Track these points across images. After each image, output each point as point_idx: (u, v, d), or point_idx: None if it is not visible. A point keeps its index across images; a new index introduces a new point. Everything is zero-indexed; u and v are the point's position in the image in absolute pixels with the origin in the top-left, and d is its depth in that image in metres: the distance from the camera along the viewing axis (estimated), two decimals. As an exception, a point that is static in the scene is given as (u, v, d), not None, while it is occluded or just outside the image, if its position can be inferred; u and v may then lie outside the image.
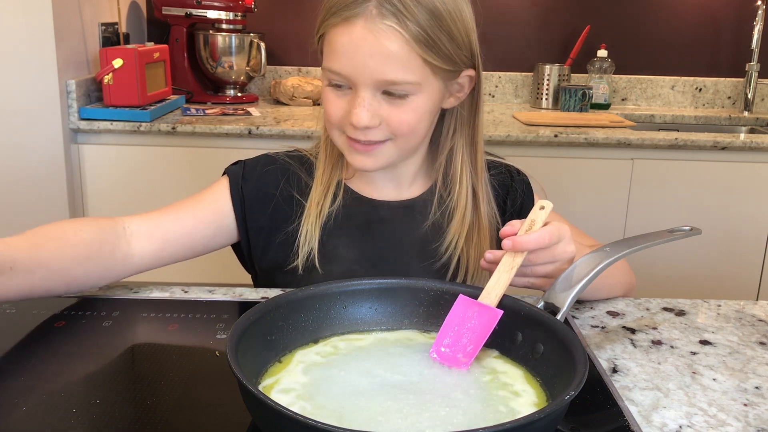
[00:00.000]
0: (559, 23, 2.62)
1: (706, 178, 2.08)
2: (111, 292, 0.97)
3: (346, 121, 0.91)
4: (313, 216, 1.00)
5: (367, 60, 0.87)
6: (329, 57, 0.91)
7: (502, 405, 0.66)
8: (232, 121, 2.05)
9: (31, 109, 1.93)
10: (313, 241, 0.99)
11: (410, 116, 0.91)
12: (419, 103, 0.91)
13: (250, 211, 1.02)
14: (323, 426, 0.53)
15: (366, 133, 0.91)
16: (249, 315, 0.71)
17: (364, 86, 0.89)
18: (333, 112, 0.93)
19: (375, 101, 0.90)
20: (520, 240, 0.80)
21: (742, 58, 2.59)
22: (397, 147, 0.94)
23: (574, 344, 0.67)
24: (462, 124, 1.01)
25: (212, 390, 0.74)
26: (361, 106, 0.89)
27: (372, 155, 0.94)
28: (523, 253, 0.81)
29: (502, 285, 0.78)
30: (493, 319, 0.75)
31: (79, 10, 2.05)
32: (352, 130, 0.92)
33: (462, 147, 1.01)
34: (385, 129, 0.92)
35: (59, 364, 0.77)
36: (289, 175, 1.03)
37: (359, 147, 0.93)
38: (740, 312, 0.97)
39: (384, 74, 0.87)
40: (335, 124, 0.94)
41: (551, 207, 0.84)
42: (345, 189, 1.02)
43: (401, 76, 0.88)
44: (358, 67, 0.88)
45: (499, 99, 2.67)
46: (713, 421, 0.69)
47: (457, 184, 1.01)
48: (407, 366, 0.73)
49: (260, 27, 2.54)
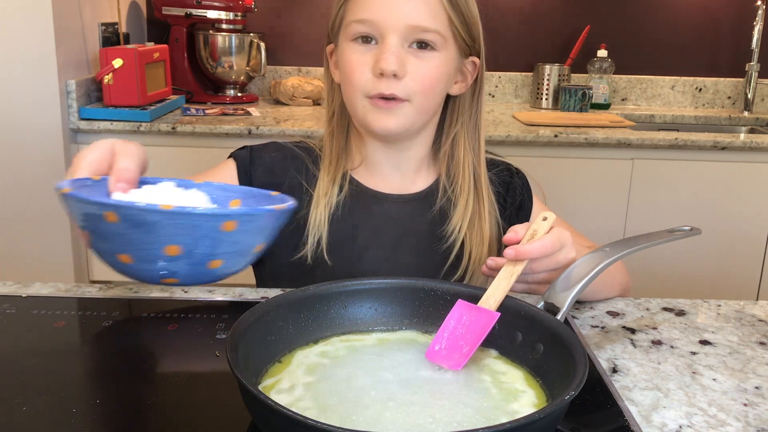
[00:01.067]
0: (559, 23, 2.62)
1: (706, 178, 2.08)
2: (111, 292, 0.97)
3: (374, 73, 0.93)
4: (322, 206, 1.01)
5: (401, 4, 0.92)
6: (357, 8, 0.94)
7: (502, 405, 0.66)
8: (232, 121, 2.05)
9: (31, 109, 1.93)
10: (323, 230, 1.00)
11: (432, 72, 0.95)
12: (441, 60, 0.96)
13: None
14: (323, 426, 0.53)
15: (390, 85, 0.93)
16: (249, 315, 0.71)
17: (394, 33, 0.92)
18: (357, 70, 0.95)
19: (402, 51, 0.93)
20: (522, 249, 0.81)
21: (742, 58, 2.59)
22: (415, 108, 0.97)
23: (574, 344, 0.67)
24: (463, 114, 1.04)
25: (212, 390, 0.74)
26: (389, 52, 0.92)
27: (393, 113, 0.96)
28: (524, 261, 0.81)
29: (502, 291, 0.78)
30: (490, 322, 0.75)
31: (79, 10, 2.05)
32: (376, 84, 0.93)
33: (464, 136, 1.04)
34: (409, 83, 0.94)
35: (59, 364, 0.77)
36: (298, 164, 1.05)
37: (382, 103, 0.95)
38: (740, 312, 0.97)
39: (415, 19, 0.92)
40: (359, 84, 0.95)
41: (554, 219, 0.85)
42: (351, 180, 1.04)
43: (431, 24, 0.93)
44: (392, 12, 0.92)
45: (499, 99, 2.67)
46: (713, 421, 0.69)
47: (460, 172, 1.04)
48: (407, 366, 0.73)
49: (260, 27, 2.54)
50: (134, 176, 0.69)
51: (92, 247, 0.63)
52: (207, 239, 0.58)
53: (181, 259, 0.59)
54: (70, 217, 0.64)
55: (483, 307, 0.77)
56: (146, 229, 0.57)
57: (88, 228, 0.61)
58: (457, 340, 0.75)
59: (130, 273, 0.62)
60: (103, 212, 0.57)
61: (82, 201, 0.60)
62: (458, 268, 1.02)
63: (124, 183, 0.66)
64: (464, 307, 0.78)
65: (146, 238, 0.57)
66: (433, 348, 0.75)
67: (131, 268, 0.61)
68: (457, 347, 0.75)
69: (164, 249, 0.58)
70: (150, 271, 0.60)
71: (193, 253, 0.58)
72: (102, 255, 0.63)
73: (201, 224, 0.57)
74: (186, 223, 0.57)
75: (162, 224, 0.57)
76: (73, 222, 0.64)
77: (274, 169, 1.04)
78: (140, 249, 0.58)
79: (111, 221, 0.58)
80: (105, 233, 0.59)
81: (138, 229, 0.57)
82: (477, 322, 0.76)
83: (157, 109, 2.07)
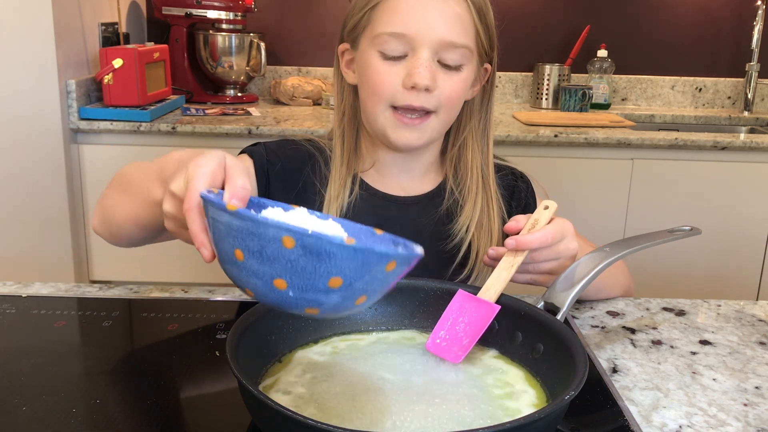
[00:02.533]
0: (559, 23, 2.62)
1: (706, 178, 2.08)
2: (111, 292, 0.97)
3: (405, 86, 0.93)
4: (334, 209, 1.01)
5: (434, 20, 0.92)
6: (389, 20, 0.93)
7: (503, 405, 0.66)
8: (232, 121, 2.05)
9: (31, 109, 1.93)
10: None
11: (459, 86, 0.96)
12: (467, 75, 0.97)
13: (274, 194, 1.02)
14: (323, 426, 0.53)
15: (421, 98, 0.94)
16: (249, 315, 0.71)
17: (425, 47, 0.92)
18: (386, 81, 0.94)
19: (433, 64, 0.94)
20: (522, 240, 0.81)
21: (742, 58, 2.59)
22: (440, 121, 0.98)
23: (574, 344, 0.67)
24: (472, 116, 1.05)
25: (212, 390, 0.74)
26: (422, 66, 0.92)
27: (417, 129, 0.97)
28: (525, 251, 0.81)
29: (502, 281, 0.79)
30: (490, 314, 0.75)
31: (79, 10, 2.05)
32: (407, 96, 0.93)
33: (473, 138, 1.05)
34: (438, 97, 0.95)
35: (59, 364, 0.77)
36: (313, 162, 1.05)
37: (407, 121, 0.95)
38: (740, 312, 0.97)
39: (449, 35, 0.92)
40: (387, 95, 0.95)
41: (555, 207, 0.85)
42: (361, 183, 1.04)
43: (462, 39, 0.93)
44: (426, 27, 0.92)
45: (499, 99, 2.67)
46: (713, 421, 0.69)
47: (468, 174, 1.04)
48: (408, 366, 0.73)
49: (260, 27, 2.54)
50: (248, 195, 0.66)
51: (232, 265, 0.59)
52: (369, 276, 0.57)
53: (336, 292, 0.57)
54: (214, 229, 0.60)
55: (483, 299, 0.77)
56: (321, 260, 0.55)
57: (248, 248, 0.57)
58: (457, 331, 0.76)
59: (275, 299, 0.58)
60: (283, 236, 0.55)
61: (258, 222, 0.56)
62: (465, 267, 1.03)
63: (240, 201, 0.64)
64: (465, 297, 0.78)
65: (317, 268, 0.55)
66: (434, 340, 0.76)
67: (280, 294, 0.58)
68: (457, 339, 0.75)
69: (329, 281, 0.56)
70: (300, 300, 0.57)
71: (351, 288, 0.57)
72: (249, 276, 0.59)
73: (373, 262, 0.56)
74: (362, 259, 0.55)
75: (339, 257, 0.55)
76: (216, 236, 0.60)
77: (290, 168, 1.04)
78: (304, 277, 0.56)
79: (287, 246, 0.55)
80: (271, 256, 0.55)
81: (313, 258, 0.55)
82: (477, 314, 0.76)
83: (157, 109, 2.07)
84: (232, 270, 0.60)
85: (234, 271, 0.59)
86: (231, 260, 0.59)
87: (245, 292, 0.60)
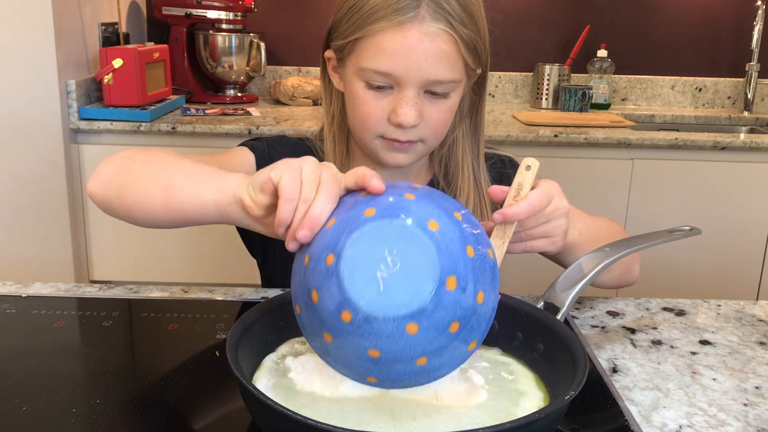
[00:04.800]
0: (559, 23, 2.62)
1: (706, 178, 2.08)
2: (111, 292, 0.97)
3: (391, 121, 0.93)
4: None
5: (421, 61, 0.89)
6: (376, 58, 0.91)
7: (507, 405, 0.66)
8: (232, 121, 2.05)
9: (31, 109, 1.93)
10: None
11: (446, 114, 0.95)
12: (454, 100, 0.95)
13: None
14: (323, 426, 0.53)
15: (407, 133, 0.93)
16: (249, 315, 0.71)
17: (411, 86, 0.91)
18: (372, 114, 0.94)
19: (420, 100, 0.92)
20: (509, 212, 0.77)
21: (742, 58, 2.59)
22: (427, 145, 0.98)
23: (574, 344, 0.67)
24: (463, 115, 1.03)
25: (212, 390, 0.74)
26: (409, 105, 0.91)
27: (408, 152, 0.97)
28: (513, 223, 0.78)
29: (497, 258, 0.76)
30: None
31: (79, 10, 2.05)
32: (393, 131, 0.93)
33: (463, 137, 1.04)
34: (424, 127, 0.94)
35: (59, 364, 0.77)
36: (314, 155, 1.04)
37: (397, 145, 0.95)
38: (740, 312, 0.97)
39: (435, 74, 0.90)
40: (374, 128, 0.95)
41: (538, 166, 0.80)
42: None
43: (449, 76, 0.91)
44: (411, 68, 0.89)
45: (499, 99, 2.67)
46: (713, 421, 0.69)
47: (459, 173, 1.04)
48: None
49: (260, 27, 2.54)
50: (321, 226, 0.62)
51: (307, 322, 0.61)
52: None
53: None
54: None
55: None
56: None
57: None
58: None
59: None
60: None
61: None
62: None
63: (309, 232, 0.61)
64: None
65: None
66: None
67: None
68: None
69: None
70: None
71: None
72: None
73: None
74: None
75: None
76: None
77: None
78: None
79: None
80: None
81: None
82: None
83: (157, 109, 2.07)
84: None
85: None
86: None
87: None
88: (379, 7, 0.89)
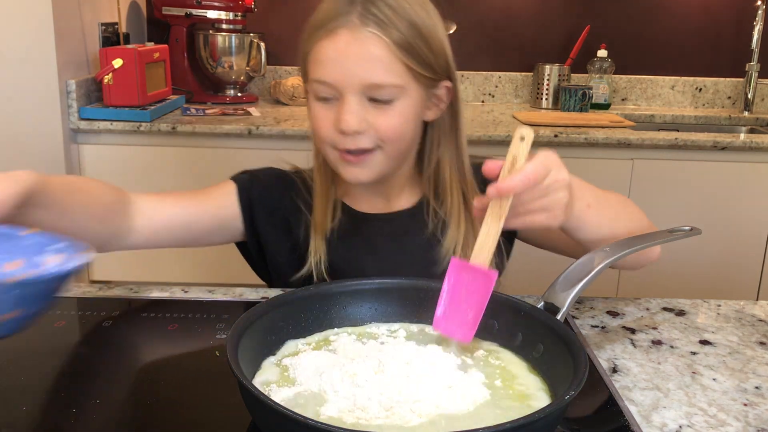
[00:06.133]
0: (559, 23, 2.62)
1: (706, 178, 2.08)
2: (111, 292, 0.97)
3: (336, 130, 0.93)
4: (320, 233, 1.01)
5: (353, 66, 0.90)
6: (315, 69, 0.93)
7: (507, 405, 0.66)
8: (232, 121, 2.05)
9: (31, 109, 1.93)
10: (321, 253, 1.01)
11: (396, 120, 0.94)
12: (403, 107, 0.94)
13: (258, 216, 1.03)
14: (323, 426, 0.53)
15: (355, 140, 0.93)
16: (249, 315, 0.71)
17: (350, 92, 0.91)
18: (322, 126, 0.95)
19: (361, 107, 0.92)
20: (504, 186, 0.73)
21: (742, 58, 2.59)
22: (387, 155, 0.96)
23: (574, 344, 0.67)
24: (445, 136, 1.02)
25: (212, 390, 0.74)
26: (347, 112, 0.91)
27: (364, 166, 0.96)
28: (509, 197, 0.74)
29: (493, 238, 0.74)
30: (490, 282, 0.74)
31: (79, 10, 2.05)
32: (341, 140, 0.93)
33: (448, 158, 1.02)
34: (374, 135, 0.93)
35: (59, 364, 0.78)
36: (296, 189, 1.05)
37: (351, 158, 0.95)
38: (740, 312, 0.97)
39: (370, 78, 0.90)
40: (326, 139, 0.95)
41: (533, 136, 0.76)
42: (342, 206, 1.04)
43: (386, 79, 0.91)
44: (345, 74, 0.90)
45: (499, 99, 2.67)
46: (713, 421, 0.69)
47: (448, 194, 1.03)
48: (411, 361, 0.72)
49: (260, 27, 2.54)
50: None
51: None
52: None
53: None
54: None
55: (479, 266, 0.74)
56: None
57: None
58: (459, 304, 0.74)
59: None
60: None
61: None
62: None
63: None
64: (460, 266, 0.76)
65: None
66: (438, 316, 0.75)
67: None
68: (461, 312, 0.74)
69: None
70: None
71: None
72: None
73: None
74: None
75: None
76: None
77: (273, 191, 1.05)
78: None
79: None
80: None
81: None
82: (476, 284, 0.74)
83: (157, 109, 2.07)
84: None
85: None
86: None
87: None
88: (320, 20, 0.93)
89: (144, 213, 0.96)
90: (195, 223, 1.01)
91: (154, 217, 0.97)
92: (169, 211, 0.99)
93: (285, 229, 1.04)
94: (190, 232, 1.01)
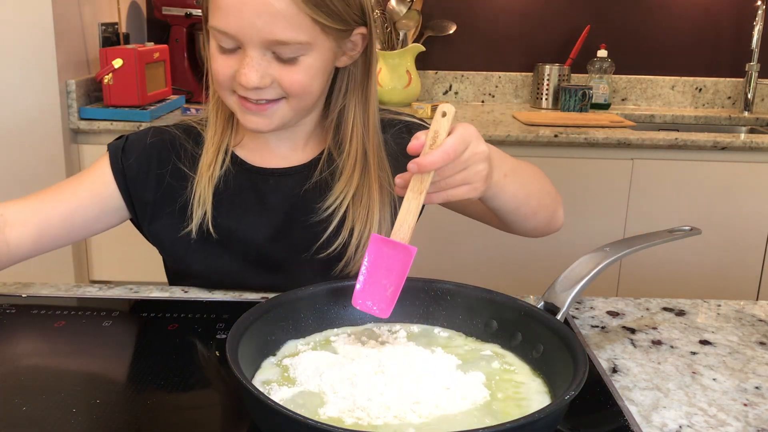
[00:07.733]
0: (559, 23, 2.62)
1: (706, 178, 2.08)
2: (111, 292, 0.97)
3: (236, 80, 0.89)
4: (205, 179, 0.96)
5: (254, 19, 0.83)
6: (215, 15, 0.88)
7: (507, 405, 0.66)
8: (232, 121, 2.05)
9: (31, 109, 1.93)
10: (207, 204, 0.96)
11: (301, 76, 0.88)
12: (310, 62, 0.88)
13: (133, 186, 0.98)
14: (323, 426, 0.53)
15: (258, 93, 0.89)
16: (249, 315, 0.71)
17: (252, 46, 0.85)
18: (221, 72, 0.90)
19: (264, 61, 0.87)
20: (424, 162, 0.73)
21: (742, 58, 2.59)
22: (291, 107, 0.91)
23: (574, 344, 0.67)
24: (355, 84, 0.97)
25: (212, 390, 0.74)
26: (249, 66, 0.86)
27: (266, 115, 0.91)
28: (431, 173, 0.75)
29: (413, 214, 0.75)
30: (409, 258, 0.74)
31: (79, 10, 2.05)
32: (242, 90, 0.89)
33: (354, 107, 0.97)
34: (278, 88, 0.89)
35: (59, 364, 0.78)
36: (178, 148, 1.00)
37: (252, 107, 0.90)
38: (740, 312, 0.97)
39: (272, 34, 0.84)
40: (224, 85, 0.91)
41: (454, 111, 0.76)
42: (233, 157, 0.99)
43: (290, 36, 0.85)
44: (245, 26, 0.84)
45: (499, 99, 2.67)
46: (713, 421, 0.69)
47: (347, 143, 0.98)
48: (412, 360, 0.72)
49: (260, 27, 2.54)
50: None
51: None
52: None
53: None
54: None
55: (398, 242, 0.74)
56: None
57: None
58: (379, 279, 0.74)
59: None
60: None
61: None
62: (334, 243, 0.96)
63: None
64: (379, 241, 0.76)
65: None
66: (357, 291, 0.75)
67: None
68: (380, 288, 0.74)
69: None
70: None
71: None
72: None
73: None
74: None
75: None
76: None
77: (148, 156, 0.99)
78: None
79: None
80: None
81: None
82: (396, 259, 0.74)
83: (157, 109, 2.07)
84: None
85: None
86: None
87: None
88: None
89: (15, 222, 0.92)
90: (75, 215, 0.96)
91: (29, 223, 0.93)
92: (44, 212, 0.94)
93: (166, 193, 0.98)
94: (72, 226, 0.96)
